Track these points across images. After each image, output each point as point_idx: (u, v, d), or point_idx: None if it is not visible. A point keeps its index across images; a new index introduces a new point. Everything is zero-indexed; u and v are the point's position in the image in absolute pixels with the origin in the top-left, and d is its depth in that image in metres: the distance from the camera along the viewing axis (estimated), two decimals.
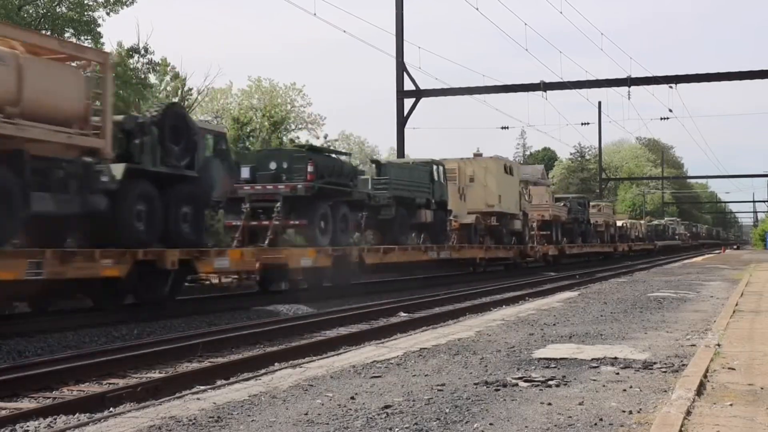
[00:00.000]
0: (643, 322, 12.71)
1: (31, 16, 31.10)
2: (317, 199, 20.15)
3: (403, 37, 34.80)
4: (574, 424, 5.84)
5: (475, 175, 31.06)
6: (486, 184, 30.94)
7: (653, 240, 72.54)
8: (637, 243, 64.08)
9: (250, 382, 7.69)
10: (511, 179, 33.23)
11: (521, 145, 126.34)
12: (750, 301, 16.13)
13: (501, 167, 32.09)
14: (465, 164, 31.18)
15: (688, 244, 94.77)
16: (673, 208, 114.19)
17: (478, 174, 31.07)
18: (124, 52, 36.69)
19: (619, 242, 56.85)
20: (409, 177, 25.28)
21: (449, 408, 6.37)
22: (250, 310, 17.11)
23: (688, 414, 5.80)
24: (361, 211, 22.43)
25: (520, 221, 34.45)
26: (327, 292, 20.09)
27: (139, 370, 10.04)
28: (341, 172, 21.35)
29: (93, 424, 6.23)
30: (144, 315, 15.08)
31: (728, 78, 36.83)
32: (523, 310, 15.06)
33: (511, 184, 33.18)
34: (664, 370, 8.16)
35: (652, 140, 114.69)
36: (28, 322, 13.66)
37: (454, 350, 9.56)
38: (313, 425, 5.88)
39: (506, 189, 32.18)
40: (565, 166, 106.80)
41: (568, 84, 37.72)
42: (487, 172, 31.11)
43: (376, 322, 15.54)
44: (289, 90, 54.61)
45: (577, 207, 46.40)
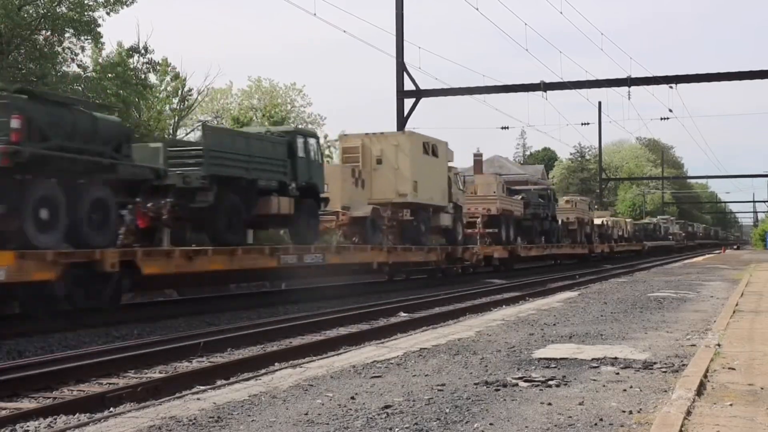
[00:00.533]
0: (644, 322, 12.71)
1: (31, 16, 31.08)
2: (29, 173, 12.79)
3: (403, 37, 34.76)
4: (574, 424, 5.84)
5: (384, 155, 24.50)
6: (397, 166, 24.42)
7: (641, 240, 66.87)
8: (620, 244, 58.24)
9: (250, 382, 7.69)
10: (435, 162, 26.23)
11: (521, 145, 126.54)
12: (750, 301, 16.13)
13: (418, 145, 25.28)
14: (371, 141, 24.72)
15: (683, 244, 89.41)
16: (673, 208, 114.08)
17: (387, 154, 24.52)
18: (124, 52, 36.70)
19: (598, 243, 50.45)
20: (247, 149, 17.82)
21: (449, 408, 6.37)
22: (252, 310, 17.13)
23: (688, 414, 5.80)
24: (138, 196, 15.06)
25: (450, 216, 27.59)
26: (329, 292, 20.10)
27: (139, 370, 10.04)
28: (91, 134, 13.90)
29: (93, 424, 6.23)
30: (144, 315, 15.09)
31: (728, 78, 36.77)
32: (523, 310, 15.06)
33: (435, 169, 26.21)
34: (664, 370, 8.16)
35: (652, 140, 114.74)
36: (28, 322, 13.66)
37: (454, 350, 9.56)
38: (313, 425, 5.88)
39: (427, 174, 25.45)
40: (565, 166, 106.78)
41: (568, 84, 37.69)
42: (399, 152, 24.42)
43: (376, 322, 15.54)
44: (289, 90, 54.56)
45: (538, 201, 39.31)
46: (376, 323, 15.24)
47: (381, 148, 24.56)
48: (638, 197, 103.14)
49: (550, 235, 40.12)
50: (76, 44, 33.43)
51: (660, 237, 76.99)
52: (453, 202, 27.89)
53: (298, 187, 19.48)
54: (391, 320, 15.73)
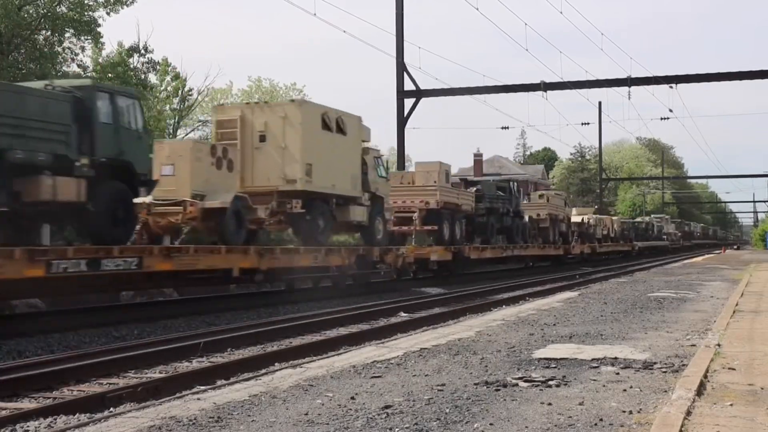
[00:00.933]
0: (644, 322, 12.71)
1: (31, 16, 31.10)
2: None
3: (403, 37, 34.78)
4: (574, 424, 5.84)
5: (269, 130, 19.01)
6: (285, 144, 18.91)
7: (631, 240, 61.76)
8: (605, 244, 52.64)
9: (250, 382, 7.69)
10: (341, 141, 20.68)
11: (521, 145, 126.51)
12: (750, 301, 16.13)
13: (314, 118, 19.59)
14: (252, 112, 19.33)
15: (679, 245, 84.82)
16: (674, 208, 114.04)
17: (273, 128, 19.00)
18: (124, 52, 36.71)
19: (577, 243, 44.78)
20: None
21: (449, 408, 6.37)
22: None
23: (689, 414, 5.80)
24: None
25: (365, 209, 21.95)
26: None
27: (139, 370, 10.04)
28: None
29: (93, 424, 6.23)
30: (144, 315, 15.09)
31: (728, 78, 36.78)
32: (523, 310, 15.06)
33: (341, 149, 20.67)
34: (664, 370, 8.16)
35: (652, 140, 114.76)
36: (28, 322, 13.66)
37: (454, 350, 9.56)
38: (314, 425, 5.88)
39: (327, 155, 19.93)
40: (565, 166, 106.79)
41: (568, 84, 37.69)
42: (288, 126, 18.97)
43: (376, 322, 15.54)
44: (289, 90, 54.60)
45: (496, 194, 33.52)
46: (376, 323, 15.24)
47: (265, 120, 19.03)
48: (638, 197, 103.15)
49: (513, 234, 34.45)
50: (76, 44, 33.46)
51: (653, 237, 72.52)
52: (371, 192, 22.27)
53: (94, 164, 14.48)
54: (391, 320, 15.74)
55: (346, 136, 20.97)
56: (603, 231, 52.73)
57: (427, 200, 26.61)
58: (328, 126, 20.13)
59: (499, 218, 33.40)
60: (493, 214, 32.79)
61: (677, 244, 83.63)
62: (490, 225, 32.45)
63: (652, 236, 71.53)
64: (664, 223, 79.96)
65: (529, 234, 36.84)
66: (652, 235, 72.08)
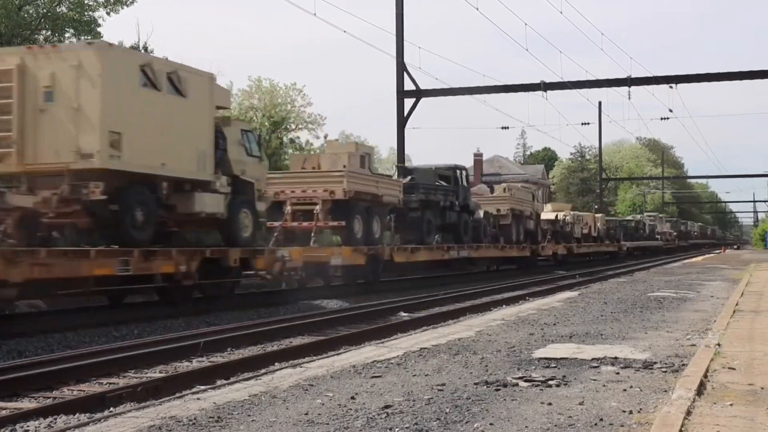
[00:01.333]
0: (644, 322, 12.71)
1: (31, 16, 31.09)
2: None
3: (403, 37, 34.79)
4: (574, 424, 5.84)
5: (58, 84, 13.94)
6: (78, 105, 13.85)
7: (618, 240, 56.83)
8: (586, 244, 47.65)
9: (250, 382, 7.69)
10: (178, 104, 15.51)
11: (521, 145, 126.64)
12: (750, 300, 16.13)
13: (128, 69, 14.53)
14: (36, 61, 14.10)
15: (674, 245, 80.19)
16: (674, 208, 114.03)
17: (63, 82, 13.93)
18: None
19: (550, 242, 39.90)
20: None
21: (449, 408, 6.37)
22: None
23: (689, 414, 5.80)
24: None
25: (221, 198, 16.73)
26: None
27: (139, 370, 10.04)
28: None
29: (93, 424, 6.23)
30: (144, 315, 15.09)
31: (728, 78, 36.81)
32: (523, 310, 15.06)
33: (177, 115, 15.46)
34: (664, 369, 8.16)
35: (652, 140, 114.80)
36: (28, 322, 13.66)
37: (454, 350, 9.56)
38: (314, 425, 5.88)
39: (154, 122, 14.87)
40: (565, 166, 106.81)
41: (568, 84, 37.70)
42: (83, 79, 13.88)
43: (376, 322, 15.54)
44: (290, 90, 54.53)
45: (436, 184, 27.88)
46: (376, 323, 15.23)
47: (53, 72, 13.94)
48: (638, 197, 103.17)
49: (461, 232, 28.89)
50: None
51: (644, 236, 67.81)
52: (232, 176, 17.22)
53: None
54: (391, 320, 15.73)
55: (187, 99, 15.60)
56: (583, 230, 47.79)
57: (333, 189, 21.31)
58: (152, 82, 14.88)
59: (441, 213, 27.77)
60: (431, 208, 27.07)
61: (672, 244, 79.44)
62: (426, 221, 26.67)
63: (643, 236, 67.21)
64: (658, 222, 76.02)
65: (485, 232, 31.47)
66: (642, 234, 67.44)
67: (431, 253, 26.54)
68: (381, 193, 23.49)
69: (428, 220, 26.96)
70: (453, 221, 28.65)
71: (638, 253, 63.35)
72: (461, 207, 29.20)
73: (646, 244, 67.07)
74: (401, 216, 25.81)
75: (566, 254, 43.14)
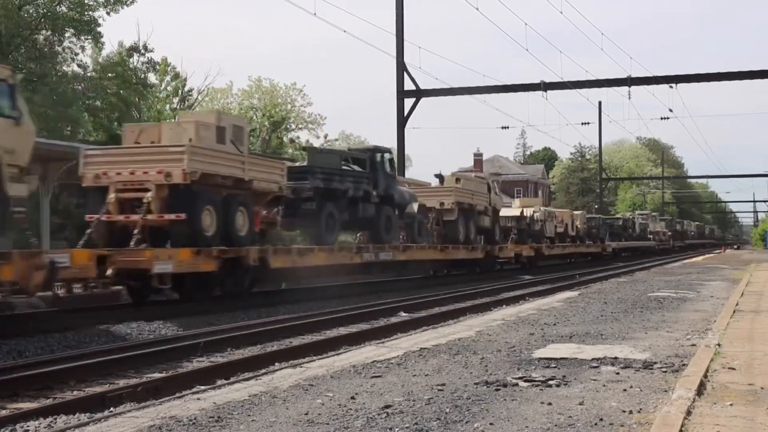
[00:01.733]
0: (644, 322, 12.71)
1: (31, 16, 31.11)
2: None
3: (403, 37, 34.80)
4: (574, 424, 5.84)
5: None
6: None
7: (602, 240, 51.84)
8: (560, 244, 42.22)
9: (250, 382, 7.69)
10: None
11: (521, 145, 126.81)
12: (750, 300, 16.13)
13: None
14: None
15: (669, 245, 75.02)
16: (674, 207, 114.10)
17: None
18: (125, 52, 36.71)
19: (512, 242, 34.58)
20: None
21: (449, 408, 6.37)
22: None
23: (689, 414, 5.80)
24: None
25: None
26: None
27: (140, 370, 10.04)
28: None
29: (93, 424, 6.23)
30: (144, 315, 15.08)
31: (728, 78, 36.85)
32: (523, 310, 15.06)
33: None
34: (664, 369, 8.16)
35: (652, 140, 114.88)
36: (28, 322, 13.66)
37: (454, 350, 9.56)
38: (314, 425, 5.88)
39: None
40: (565, 166, 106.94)
41: (568, 84, 37.72)
42: None
43: (376, 321, 15.54)
44: (290, 90, 54.66)
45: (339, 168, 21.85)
46: (376, 323, 15.23)
47: None
48: (638, 197, 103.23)
49: (380, 229, 23.25)
50: (76, 44, 33.49)
51: (634, 236, 62.70)
52: None
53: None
54: (392, 320, 15.73)
55: None
56: (558, 228, 42.31)
57: (169, 170, 15.84)
58: None
59: (350, 206, 21.98)
60: (334, 199, 21.17)
61: (666, 245, 74.28)
62: (327, 215, 20.82)
63: (632, 235, 62.19)
64: (650, 221, 71.22)
65: (421, 230, 25.91)
66: (633, 234, 62.57)
67: (331, 257, 20.38)
68: (250, 178, 17.68)
69: (329, 213, 20.92)
70: (369, 216, 22.81)
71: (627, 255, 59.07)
72: (382, 198, 23.24)
73: (636, 245, 61.92)
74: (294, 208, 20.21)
75: (533, 256, 37.17)
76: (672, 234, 78.83)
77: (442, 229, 28.46)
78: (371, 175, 23.18)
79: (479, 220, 30.94)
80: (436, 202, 28.27)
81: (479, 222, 30.94)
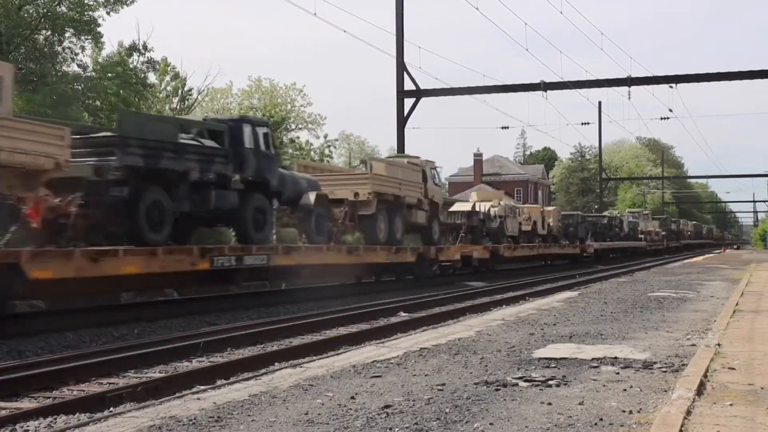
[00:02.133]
0: (644, 322, 12.71)
1: (31, 16, 31.10)
2: None
3: (403, 37, 34.81)
4: (574, 424, 5.84)
5: None
6: None
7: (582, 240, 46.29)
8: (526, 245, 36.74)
9: (250, 382, 7.69)
10: None
11: (521, 145, 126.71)
12: (750, 300, 16.13)
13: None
14: None
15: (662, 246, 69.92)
16: (674, 207, 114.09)
17: None
18: (124, 52, 36.72)
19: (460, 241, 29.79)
20: None
21: (449, 408, 6.37)
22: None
23: (688, 414, 5.80)
24: None
25: None
26: None
27: (139, 370, 10.04)
28: None
29: (93, 424, 6.23)
30: (144, 315, 15.09)
31: (728, 78, 36.84)
32: (523, 310, 15.07)
33: None
34: (664, 369, 8.16)
35: (652, 140, 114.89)
36: (28, 322, 13.66)
37: (454, 350, 9.56)
38: (314, 425, 5.88)
39: None
40: (565, 166, 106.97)
41: (568, 84, 37.72)
42: None
43: (376, 321, 15.54)
44: (289, 90, 54.62)
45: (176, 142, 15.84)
46: (376, 323, 15.23)
47: None
48: (638, 197, 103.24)
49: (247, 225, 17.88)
50: (76, 44, 33.49)
51: (622, 236, 57.13)
52: None
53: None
54: (391, 320, 15.73)
55: None
56: (524, 226, 37.30)
57: None
58: None
59: (191, 192, 16.34)
60: (160, 183, 15.55)
61: (659, 245, 68.95)
62: (148, 204, 15.07)
63: (620, 235, 56.56)
64: (642, 219, 66.43)
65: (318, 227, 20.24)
66: (621, 233, 56.98)
67: (152, 262, 14.60)
68: None
69: (153, 203, 15.24)
70: (228, 207, 17.31)
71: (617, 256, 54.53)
72: (250, 184, 17.95)
73: (623, 245, 56.37)
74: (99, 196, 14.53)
75: (488, 258, 31.40)
76: (666, 234, 74.06)
77: (358, 225, 22.66)
78: (232, 153, 17.38)
79: (410, 215, 24.95)
80: (348, 192, 22.32)
81: (410, 218, 24.97)
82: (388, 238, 23.46)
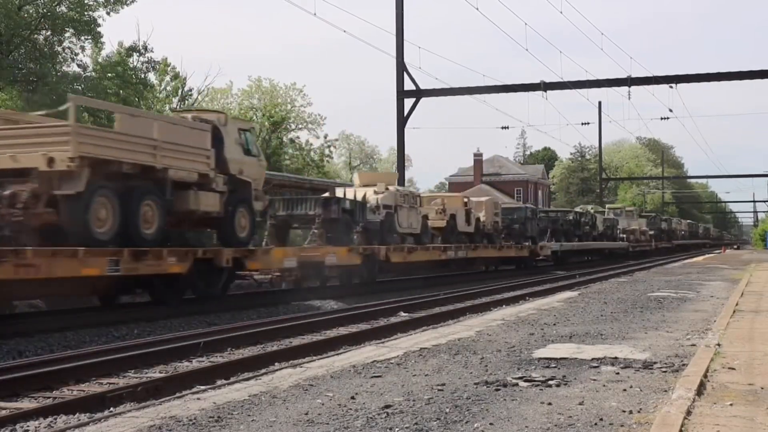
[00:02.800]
0: (644, 322, 12.72)
1: (31, 16, 31.10)
2: None
3: (403, 37, 34.81)
4: (574, 424, 5.84)
5: None
6: None
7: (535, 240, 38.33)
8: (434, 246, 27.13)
9: (250, 382, 7.69)
10: None
11: (521, 145, 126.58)
12: (750, 300, 16.13)
13: None
14: None
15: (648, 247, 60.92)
16: (673, 207, 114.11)
17: None
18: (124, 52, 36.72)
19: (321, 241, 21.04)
20: None
21: (449, 408, 6.37)
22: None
23: (688, 414, 5.80)
24: None
25: None
26: None
27: (140, 370, 10.03)
28: None
29: (93, 424, 6.23)
30: (144, 315, 15.09)
31: (728, 78, 36.84)
32: (523, 310, 15.06)
33: None
34: (664, 369, 8.16)
35: (652, 140, 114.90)
36: (28, 322, 13.66)
37: (454, 350, 9.56)
38: (314, 425, 5.88)
39: None
40: (565, 166, 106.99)
41: (568, 84, 37.72)
42: None
43: (376, 322, 15.53)
44: (289, 90, 54.68)
45: None
46: (376, 323, 15.23)
47: None
48: (638, 197, 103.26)
49: None
50: (76, 44, 33.50)
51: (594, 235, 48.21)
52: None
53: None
54: (391, 320, 15.73)
55: None
56: (433, 221, 28.37)
57: None
58: None
59: None
60: None
61: (645, 247, 59.93)
62: None
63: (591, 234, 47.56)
64: (624, 217, 58.63)
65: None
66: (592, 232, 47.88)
67: None
68: None
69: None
70: None
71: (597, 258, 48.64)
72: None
73: (594, 247, 47.63)
74: None
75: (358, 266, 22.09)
76: (655, 234, 64.59)
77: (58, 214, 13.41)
78: None
79: (188, 199, 15.92)
80: (38, 157, 13.06)
81: (188, 203, 15.94)
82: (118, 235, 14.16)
